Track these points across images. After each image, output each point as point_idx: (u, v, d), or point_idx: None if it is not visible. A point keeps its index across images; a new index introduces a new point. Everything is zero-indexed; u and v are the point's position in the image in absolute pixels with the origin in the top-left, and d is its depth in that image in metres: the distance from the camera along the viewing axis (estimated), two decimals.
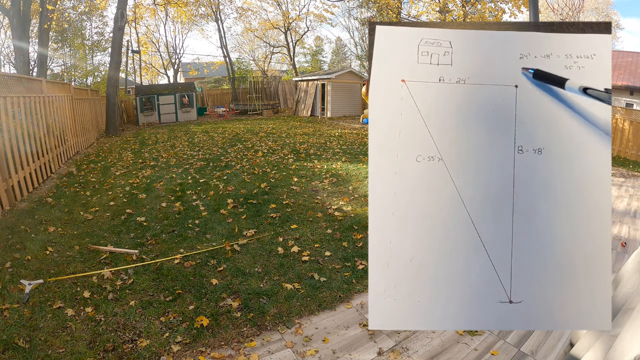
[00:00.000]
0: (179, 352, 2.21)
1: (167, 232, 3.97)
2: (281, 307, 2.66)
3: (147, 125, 16.56)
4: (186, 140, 10.85)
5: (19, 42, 12.23)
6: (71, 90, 9.04)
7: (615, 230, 4.54)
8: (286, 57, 29.72)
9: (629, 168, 8.78)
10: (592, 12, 31.45)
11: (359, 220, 4.25)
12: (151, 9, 24.20)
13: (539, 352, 2.27)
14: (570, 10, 19.43)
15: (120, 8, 13.33)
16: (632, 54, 17.17)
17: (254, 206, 4.75)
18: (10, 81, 5.28)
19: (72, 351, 2.18)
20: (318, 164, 7.34)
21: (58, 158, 7.25)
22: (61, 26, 21.85)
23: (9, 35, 20.19)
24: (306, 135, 11.54)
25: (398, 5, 20.83)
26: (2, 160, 4.69)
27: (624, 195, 6.23)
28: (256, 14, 27.45)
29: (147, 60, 28.92)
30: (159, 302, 2.68)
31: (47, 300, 2.69)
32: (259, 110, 20.45)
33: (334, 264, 3.28)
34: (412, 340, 2.37)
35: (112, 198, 5.13)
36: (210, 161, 7.61)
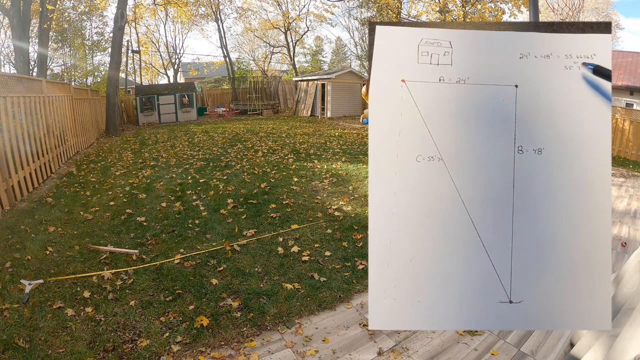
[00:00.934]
0: (179, 352, 2.21)
1: (167, 232, 3.96)
2: (281, 307, 2.66)
3: (147, 125, 16.56)
4: (186, 140, 10.84)
5: (19, 42, 12.23)
6: (71, 90, 9.04)
7: (615, 230, 4.54)
8: (286, 57, 29.72)
9: (629, 168, 8.78)
10: (592, 12, 31.44)
11: (359, 220, 4.25)
12: (151, 9, 24.21)
13: (539, 352, 2.27)
14: (570, 10, 19.43)
15: (120, 8, 13.34)
16: (632, 54, 17.18)
17: (254, 206, 4.75)
18: (10, 81, 5.28)
19: (72, 351, 2.18)
20: (318, 164, 7.33)
21: (58, 158, 7.25)
22: (61, 26, 21.85)
23: (9, 35, 20.19)
24: (306, 135, 11.54)
25: (398, 5, 20.82)
26: (2, 160, 4.69)
27: (624, 195, 6.22)
28: (256, 14, 27.48)
29: (147, 60, 28.92)
30: (159, 302, 2.68)
31: (47, 300, 2.69)
32: (259, 110, 20.45)
33: (334, 264, 3.28)
34: (412, 340, 2.37)
35: (112, 198, 5.13)
36: (210, 161, 7.61)
